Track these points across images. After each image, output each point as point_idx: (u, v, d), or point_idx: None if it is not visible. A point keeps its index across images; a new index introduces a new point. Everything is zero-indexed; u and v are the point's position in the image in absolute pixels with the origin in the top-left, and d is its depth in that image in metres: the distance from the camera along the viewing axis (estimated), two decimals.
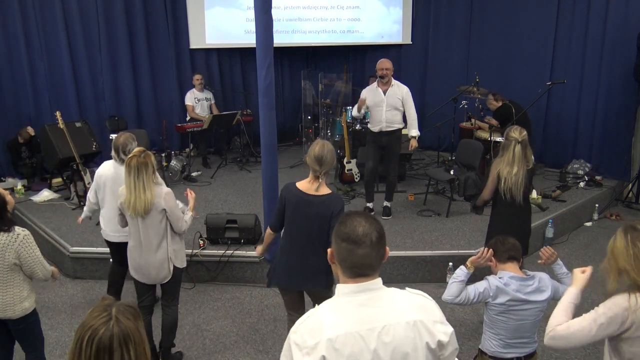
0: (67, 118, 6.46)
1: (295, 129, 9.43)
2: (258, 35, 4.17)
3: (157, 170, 3.35)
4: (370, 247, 1.51)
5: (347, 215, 1.60)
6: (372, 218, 1.59)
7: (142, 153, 3.25)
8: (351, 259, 1.52)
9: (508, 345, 2.59)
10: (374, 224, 1.56)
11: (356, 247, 1.51)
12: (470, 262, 2.71)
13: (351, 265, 1.53)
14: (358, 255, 1.51)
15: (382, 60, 5.42)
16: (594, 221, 6.28)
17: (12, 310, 2.92)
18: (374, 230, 1.54)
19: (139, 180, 3.19)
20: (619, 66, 6.78)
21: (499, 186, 3.61)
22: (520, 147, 3.51)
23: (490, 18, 8.00)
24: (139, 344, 1.47)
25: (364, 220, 1.55)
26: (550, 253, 2.72)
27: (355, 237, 1.51)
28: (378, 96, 5.37)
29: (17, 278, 2.91)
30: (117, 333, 1.42)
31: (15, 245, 2.82)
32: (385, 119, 5.37)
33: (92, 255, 4.91)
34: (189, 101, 7.96)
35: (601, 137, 7.10)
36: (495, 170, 3.64)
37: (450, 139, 7.71)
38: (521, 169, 3.54)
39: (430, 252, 4.87)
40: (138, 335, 1.48)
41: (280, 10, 8.16)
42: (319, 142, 3.04)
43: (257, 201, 5.83)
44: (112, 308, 1.47)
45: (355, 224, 1.54)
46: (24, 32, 7.15)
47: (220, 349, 3.86)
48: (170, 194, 3.36)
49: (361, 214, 1.59)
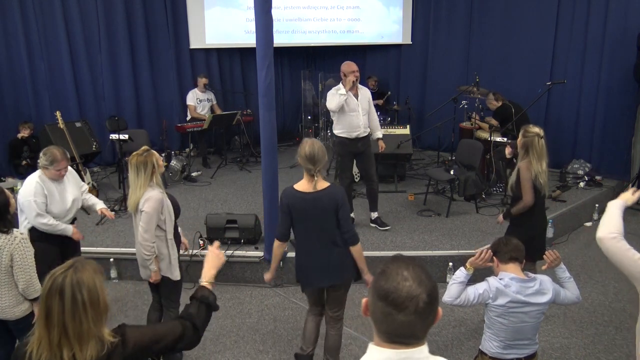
0: (67, 118, 6.47)
1: (296, 129, 9.43)
2: (258, 35, 4.17)
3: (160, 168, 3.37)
4: (415, 315, 1.18)
5: (392, 262, 1.26)
6: (424, 271, 1.24)
7: (144, 152, 3.29)
8: (389, 324, 1.20)
9: (508, 346, 2.58)
10: (424, 282, 1.20)
11: (396, 311, 1.18)
12: (470, 264, 2.70)
13: (388, 332, 1.22)
14: (397, 323, 1.19)
15: (350, 62, 5.07)
16: (594, 221, 6.27)
17: (11, 312, 2.92)
18: (423, 292, 1.19)
19: (137, 179, 3.24)
20: (619, 66, 6.78)
21: (537, 184, 3.55)
22: (543, 141, 3.53)
23: (490, 18, 8.00)
24: (92, 290, 1.63)
25: (412, 274, 1.21)
26: (555, 257, 2.69)
27: (397, 298, 1.18)
28: (352, 101, 5.05)
29: (13, 281, 2.90)
30: (70, 276, 1.61)
31: (11, 247, 2.82)
32: (363, 124, 5.12)
33: (92, 255, 4.90)
34: (190, 101, 7.97)
35: (601, 137, 7.10)
36: (530, 173, 3.54)
37: (450, 139, 7.71)
38: (547, 164, 3.58)
39: (430, 252, 4.87)
40: (92, 283, 1.64)
41: (280, 10, 8.16)
42: (308, 141, 3.07)
43: (257, 201, 5.83)
44: (76, 261, 1.68)
45: (399, 279, 1.20)
46: (24, 32, 7.16)
47: (220, 349, 3.86)
48: (153, 200, 3.23)
49: (409, 264, 1.24)
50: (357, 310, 4.34)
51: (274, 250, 3.30)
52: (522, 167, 3.61)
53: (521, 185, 3.60)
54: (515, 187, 3.68)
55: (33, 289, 2.91)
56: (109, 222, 5.63)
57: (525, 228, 3.65)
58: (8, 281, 2.88)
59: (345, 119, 5.09)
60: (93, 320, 1.61)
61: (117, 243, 5.08)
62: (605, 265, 5.10)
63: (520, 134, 3.64)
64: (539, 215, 3.77)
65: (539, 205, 3.72)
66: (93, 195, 4.02)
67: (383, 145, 5.47)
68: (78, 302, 1.58)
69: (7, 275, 2.87)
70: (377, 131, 5.39)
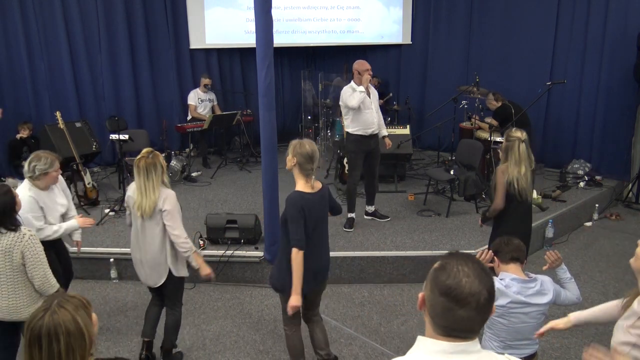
0: (67, 118, 6.47)
1: (296, 129, 9.42)
2: (258, 35, 4.17)
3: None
4: (476, 310, 1.22)
5: (450, 258, 1.28)
6: (483, 268, 1.27)
7: (150, 154, 3.26)
8: (449, 319, 1.24)
9: (508, 346, 2.58)
10: (485, 278, 1.24)
11: (458, 307, 1.22)
12: None
13: (447, 326, 1.25)
14: (458, 317, 1.23)
15: (363, 61, 5.22)
16: (594, 221, 6.28)
17: (27, 312, 2.90)
18: (484, 288, 1.23)
19: (148, 181, 3.21)
20: (619, 66, 6.78)
21: (512, 190, 3.56)
22: (524, 145, 3.53)
23: (490, 18, 8.00)
24: (73, 334, 1.51)
25: (472, 271, 1.24)
26: (556, 257, 2.69)
27: (460, 294, 1.22)
28: (367, 98, 5.17)
29: (27, 280, 2.90)
30: (46, 323, 1.50)
31: (21, 245, 2.82)
32: (377, 122, 5.27)
33: (93, 255, 4.91)
34: (191, 100, 7.97)
35: (601, 137, 7.10)
36: (504, 177, 3.57)
37: (450, 139, 7.71)
38: (528, 168, 3.57)
39: (430, 252, 4.86)
40: (73, 325, 1.51)
41: (280, 10, 8.16)
42: (307, 141, 3.05)
43: (257, 201, 5.83)
44: (55, 300, 1.55)
45: (460, 275, 1.23)
46: (24, 32, 7.16)
47: (220, 349, 3.86)
48: (171, 196, 3.30)
49: (468, 259, 1.27)
50: (357, 310, 4.34)
51: (298, 262, 2.92)
52: (498, 170, 3.66)
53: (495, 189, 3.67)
54: (492, 190, 3.74)
55: (49, 284, 2.93)
56: (109, 222, 5.63)
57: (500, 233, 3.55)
58: (22, 280, 2.88)
59: (361, 116, 5.18)
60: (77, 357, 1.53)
61: (117, 243, 5.08)
62: (606, 266, 5.11)
63: (504, 137, 3.68)
64: (516, 221, 3.69)
65: (517, 211, 3.67)
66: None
67: (390, 142, 5.56)
68: (54, 353, 1.50)
69: (21, 274, 2.87)
70: (382, 129, 5.47)
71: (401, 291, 4.62)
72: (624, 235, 5.81)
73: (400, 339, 3.93)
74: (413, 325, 4.10)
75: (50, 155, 3.46)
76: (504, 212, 3.71)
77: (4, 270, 2.83)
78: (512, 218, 3.69)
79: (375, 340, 3.92)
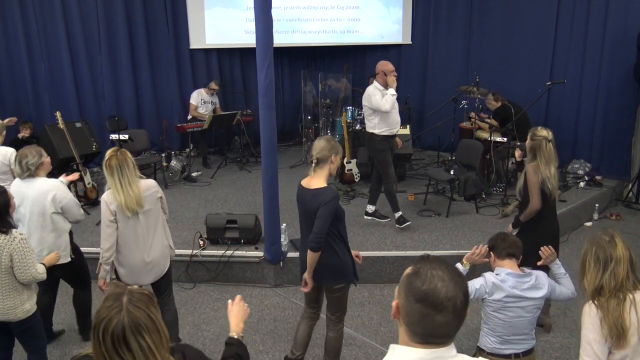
0: (67, 118, 6.46)
1: (296, 129, 9.43)
2: (258, 35, 4.17)
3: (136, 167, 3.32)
4: (453, 314, 1.20)
5: (423, 264, 1.26)
6: (456, 271, 1.27)
7: (117, 151, 3.19)
8: (426, 326, 1.22)
9: (505, 341, 2.61)
10: (459, 282, 1.23)
11: (435, 312, 1.19)
12: (466, 259, 2.77)
13: (424, 333, 1.23)
14: (436, 323, 1.20)
15: (387, 62, 5.24)
16: (594, 221, 6.28)
17: (14, 313, 2.92)
18: (460, 292, 1.21)
19: (123, 178, 3.14)
20: (619, 66, 6.78)
21: (545, 188, 3.45)
22: (551, 145, 3.46)
23: (490, 18, 8.00)
24: (153, 331, 1.47)
25: (447, 275, 1.22)
26: (550, 252, 2.75)
27: (436, 300, 1.19)
28: None
29: (16, 281, 2.91)
30: (127, 323, 1.43)
31: (10, 248, 2.82)
32: (399, 122, 5.37)
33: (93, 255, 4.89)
34: (193, 100, 7.98)
35: (601, 137, 7.10)
36: (537, 176, 3.44)
37: (450, 139, 7.71)
38: (556, 168, 3.52)
39: (430, 252, 4.86)
40: (150, 322, 1.47)
41: (280, 10, 8.16)
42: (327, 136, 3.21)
43: (257, 201, 5.83)
44: (124, 297, 1.47)
45: (435, 280, 1.21)
46: (24, 32, 7.16)
47: (221, 349, 3.82)
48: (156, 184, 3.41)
49: (440, 264, 1.26)
50: (357, 310, 4.34)
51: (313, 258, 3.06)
52: (530, 170, 3.51)
53: (529, 190, 3.50)
54: (522, 191, 3.57)
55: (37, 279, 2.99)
56: None
57: (534, 234, 3.49)
58: (9, 282, 2.88)
59: (389, 117, 5.20)
60: (160, 354, 1.50)
61: None
62: None
63: (529, 136, 3.56)
64: (550, 220, 3.64)
65: (549, 210, 3.61)
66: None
67: (400, 142, 5.65)
68: (145, 349, 1.45)
69: (9, 276, 2.87)
70: None
71: None
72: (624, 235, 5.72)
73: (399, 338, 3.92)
74: None
75: (32, 148, 3.51)
76: (540, 212, 3.54)
77: None
78: (544, 219, 3.57)
79: (375, 340, 3.92)
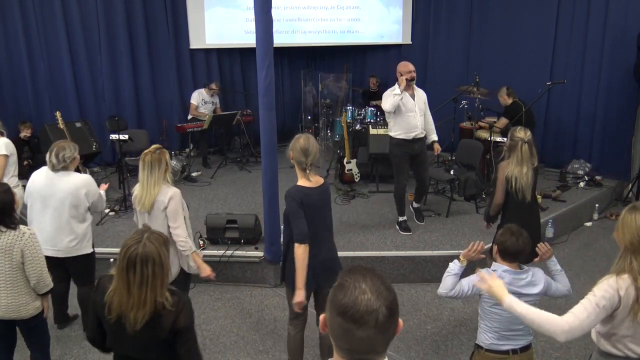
0: (67, 118, 6.47)
1: (296, 129, 9.41)
2: (258, 35, 4.17)
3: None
4: (374, 329, 1.11)
5: (350, 275, 1.18)
6: (383, 282, 1.17)
7: (157, 150, 3.29)
8: (349, 340, 1.14)
9: (503, 337, 2.62)
10: (383, 293, 1.14)
11: (356, 327, 1.11)
12: (463, 256, 2.77)
13: (348, 348, 1.15)
14: (357, 338, 1.12)
15: (406, 62, 5.08)
16: (594, 221, 6.28)
17: (25, 310, 2.93)
18: (382, 305, 1.12)
19: (151, 176, 3.22)
20: (619, 66, 6.78)
21: (510, 188, 3.63)
22: (526, 146, 3.59)
23: (490, 18, 8.00)
24: (158, 264, 1.97)
25: (370, 287, 1.14)
26: (546, 249, 2.76)
27: (355, 313, 1.11)
28: (409, 101, 5.05)
29: (26, 278, 2.91)
30: (140, 253, 1.95)
31: (21, 243, 2.82)
32: (420, 125, 5.12)
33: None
34: (193, 100, 7.99)
35: (601, 137, 7.10)
36: (503, 174, 3.66)
37: (450, 139, 7.70)
38: (530, 168, 3.62)
39: (430, 252, 4.87)
40: (158, 257, 1.98)
41: (280, 10, 8.16)
42: (302, 136, 3.09)
43: (257, 201, 5.83)
44: (145, 234, 2.00)
45: (357, 293, 1.13)
46: (24, 32, 7.16)
47: (220, 349, 3.86)
48: (177, 196, 3.31)
49: (367, 275, 1.17)
50: None
51: (301, 257, 2.94)
52: (499, 166, 3.75)
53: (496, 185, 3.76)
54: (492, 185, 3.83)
55: (44, 283, 2.94)
56: (109, 222, 5.63)
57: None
58: (22, 278, 2.89)
59: (402, 119, 5.07)
60: (159, 285, 1.99)
61: (117, 243, 5.06)
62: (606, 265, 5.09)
63: (508, 136, 3.73)
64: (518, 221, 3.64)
65: (519, 210, 3.69)
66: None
67: (438, 147, 5.46)
68: (145, 275, 1.95)
69: (20, 273, 2.88)
70: (432, 134, 5.36)
71: (401, 291, 4.62)
72: None
73: (399, 339, 3.92)
74: (413, 325, 4.10)
75: (69, 142, 3.70)
76: (505, 209, 3.80)
77: (3, 269, 2.83)
78: (513, 216, 3.68)
79: None
